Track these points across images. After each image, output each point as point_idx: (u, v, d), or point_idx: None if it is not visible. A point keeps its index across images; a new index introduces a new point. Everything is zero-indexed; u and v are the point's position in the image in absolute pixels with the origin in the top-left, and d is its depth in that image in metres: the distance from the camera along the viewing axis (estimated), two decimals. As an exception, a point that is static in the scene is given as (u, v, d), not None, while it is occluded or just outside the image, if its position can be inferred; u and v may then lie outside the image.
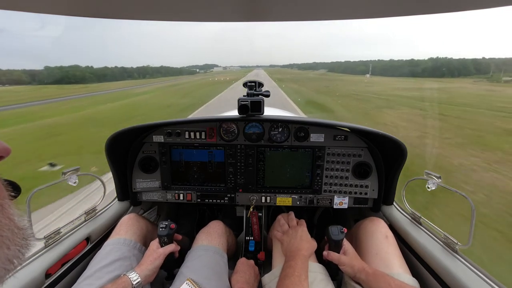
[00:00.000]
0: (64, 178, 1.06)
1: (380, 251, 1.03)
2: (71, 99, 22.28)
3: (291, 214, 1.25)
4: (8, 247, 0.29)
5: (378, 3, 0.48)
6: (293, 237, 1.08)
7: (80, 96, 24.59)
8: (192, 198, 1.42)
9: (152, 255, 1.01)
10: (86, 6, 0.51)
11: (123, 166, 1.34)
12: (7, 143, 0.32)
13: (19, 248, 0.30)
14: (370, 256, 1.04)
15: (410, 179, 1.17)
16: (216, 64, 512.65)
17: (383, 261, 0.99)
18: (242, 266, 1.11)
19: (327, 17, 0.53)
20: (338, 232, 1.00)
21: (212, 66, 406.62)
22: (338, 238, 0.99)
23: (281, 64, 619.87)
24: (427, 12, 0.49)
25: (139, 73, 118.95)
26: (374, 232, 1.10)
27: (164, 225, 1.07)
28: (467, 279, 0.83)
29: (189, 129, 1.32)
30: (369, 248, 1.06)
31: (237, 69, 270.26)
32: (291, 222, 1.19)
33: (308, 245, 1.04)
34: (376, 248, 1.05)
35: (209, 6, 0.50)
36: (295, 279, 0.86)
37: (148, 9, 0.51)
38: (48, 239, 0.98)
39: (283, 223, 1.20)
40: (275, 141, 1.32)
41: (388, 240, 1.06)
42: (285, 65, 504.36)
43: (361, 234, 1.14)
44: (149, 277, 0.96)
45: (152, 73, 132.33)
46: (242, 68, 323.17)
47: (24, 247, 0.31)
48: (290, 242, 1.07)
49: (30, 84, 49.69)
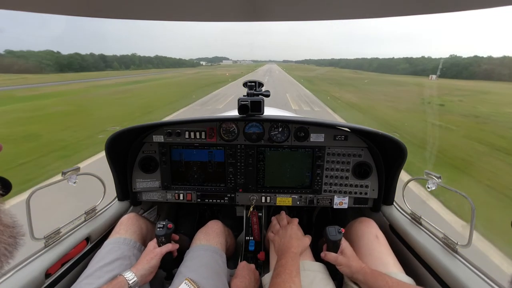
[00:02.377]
0: (64, 178, 1.06)
1: (372, 251, 1.04)
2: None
3: (282, 213, 1.26)
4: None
5: (380, 2, 0.48)
6: (283, 236, 1.09)
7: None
8: (192, 198, 1.42)
9: (148, 255, 1.01)
10: (86, 6, 0.51)
11: (123, 166, 1.34)
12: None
13: (6, 246, 0.29)
14: (363, 257, 1.04)
15: (410, 179, 1.17)
16: (227, 57, 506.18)
17: (376, 261, 1.00)
18: (242, 271, 1.10)
19: (330, 17, 0.53)
20: (336, 232, 1.00)
21: (221, 59, 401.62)
22: (336, 238, 0.99)
23: (295, 60, 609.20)
24: (429, 12, 0.49)
25: (121, 63, 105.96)
26: (365, 233, 1.11)
27: (162, 225, 1.07)
28: (467, 279, 0.83)
29: (189, 129, 1.32)
30: (361, 249, 1.07)
31: (248, 63, 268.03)
32: (282, 221, 1.21)
33: (298, 242, 1.05)
34: (368, 248, 1.05)
35: (210, 6, 0.50)
36: (286, 276, 0.86)
37: (148, 9, 0.51)
38: (48, 239, 0.98)
39: (274, 224, 1.21)
40: (275, 141, 1.32)
41: (379, 240, 1.07)
42: (299, 60, 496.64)
43: (352, 235, 1.15)
44: (145, 276, 0.96)
45: (139, 64, 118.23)
46: (254, 62, 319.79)
47: (11, 245, 0.30)
48: (280, 241, 1.08)
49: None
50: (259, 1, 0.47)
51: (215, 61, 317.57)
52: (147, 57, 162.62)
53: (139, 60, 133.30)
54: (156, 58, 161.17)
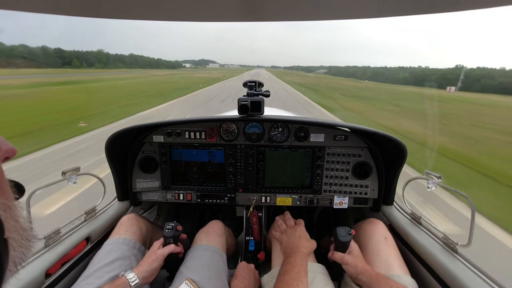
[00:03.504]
0: (64, 178, 1.06)
1: (380, 252, 1.03)
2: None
3: (287, 214, 1.26)
4: (14, 249, 0.28)
5: (378, 2, 0.48)
6: (292, 235, 1.09)
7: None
8: (192, 198, 1.42)
9: (151, 256, 1.01)
10: (86, 6, 0.51)
11: (123, 166, 1.34)
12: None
13: (23, 250, 0.30)
14: (370, 257, 1.04)
15: (410, 179, 1.17)
16: (214, 60, 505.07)
17: (383, 263, 0.99)
18: (242, 271, 1.10)
19: (327, 17, 0.53)
20: (346, 233, 1.00)
21: (208, 62, 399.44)
22: (346, 239, 0.99)
23: (283, 66, 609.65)
24: (427, 12, 0.49)
25: (84, 60, 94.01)
26: (373, 233, 1.10)
27: (171, 226, 1.06)
28: (467, 279, 0.83)
29: (189, 129, 1.32)
30: (368, 250, 1.06)
31: (236, 67, 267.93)
32: (289, 221, 1.20)
33: (307, 243, 1.05)
34: (376, 249, 1.05)
35: (209, 6, 0.50)
36: (294, 275, 0.86)
37: (148, 9, 0.51)
38: (48, 239, 0.98)
39: (280, 223, 1.21)
40: (275, 141, 1.32)
41: (387, 241, 1.07)
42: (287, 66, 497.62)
43: (360, 235, 1.15)
44: (146, 278, 0.96)
45: (106, 62, 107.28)
46: (242, 67, 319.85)
47: (27, 249, 0.31)
48: (289, 240, 1.08)
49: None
50: (257, 1, 0.47)
51: (202, 63, 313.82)
52: (119, 55, 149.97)
53: (107, 58, 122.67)
54: (130, 57, 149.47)
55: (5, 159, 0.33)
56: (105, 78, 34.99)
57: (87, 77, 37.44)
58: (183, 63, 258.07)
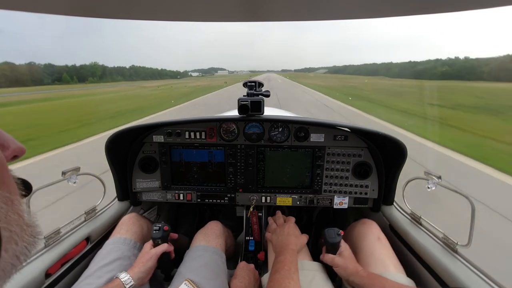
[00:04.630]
0: (64, 178, 1.06)
1: (374, 252, 1.03)
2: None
3: (278, 213, 1.28)
4: (16, 243, 0.29)
5: (379, 2, 0.48)
6: (280, 234, 1.10)
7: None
8: (192, 198, 1.42)
9: (143, 257, 1.01)
10: (86, 6, 0.51)
11: (123, 166, 1.34)
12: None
13: (26, 245, 0.30)
14: (364, 258, 1.04)
15: (410, 179, 1.17)
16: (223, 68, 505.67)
17: (377, 262, 0.99)
18: (241, 271, 1.10)
19: (328, 17, 0.53)
20: (335, 234, 0.99)
21: (217, 69, 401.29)
22: (334, 241, 0.98)
23: (294, 69, 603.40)
24: (428, 12, 0.49)
25: (76, 74, 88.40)
26: (367, 234, 1.11)
27: (158, 227, 1.06)
28: (467, 279, 0.83)
29: (189, 129, 1.32)
30: (362, 251, 1.07)
31: (246, 73, 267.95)
32: (278, 220, 1.22)
33: (295, 240, 1.06)
34: (370, 250, 1.05)
35: (209, 6, 0.50)
36: (284, 272, 0.87)
37: (147, 9, 0.51)
38: (48, 239, 0.98)
39: (271, 223, 1.23)
40: (275, 141, 1.32)
41: (380, 241, 1.07)
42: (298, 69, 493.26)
43: (354, 237, 1.15)
44: (142, 279, 0.95)
45: (102, 75, 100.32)
46: (252, 72, 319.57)
47: (31, 245, 0.31)
48: (278, 239, 1.09)
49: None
50: (257, 1, 0.47)
51: (211, 72, 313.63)
52: (116, 67, 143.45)
53: (103, 71, 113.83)
54: (131, 69, 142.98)
55: (14, 157, 0.33)
56: (77, 94, 29.12)
57: (62, 93, 30.91)
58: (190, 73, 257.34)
